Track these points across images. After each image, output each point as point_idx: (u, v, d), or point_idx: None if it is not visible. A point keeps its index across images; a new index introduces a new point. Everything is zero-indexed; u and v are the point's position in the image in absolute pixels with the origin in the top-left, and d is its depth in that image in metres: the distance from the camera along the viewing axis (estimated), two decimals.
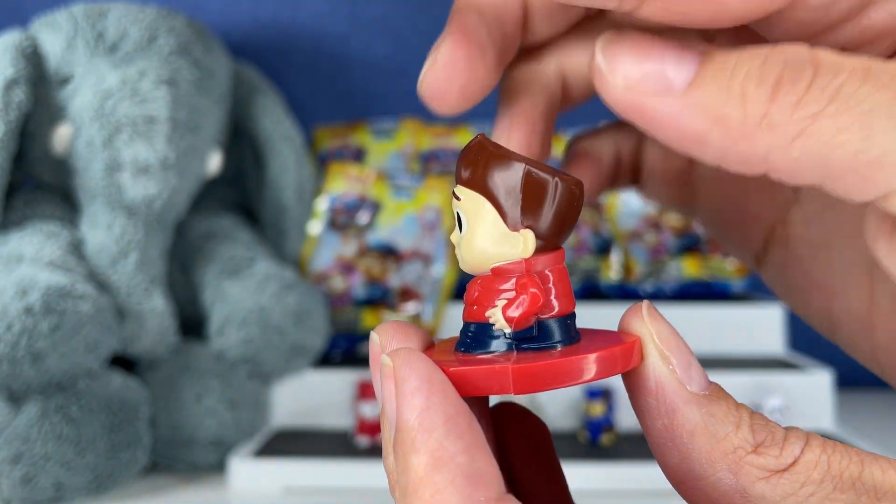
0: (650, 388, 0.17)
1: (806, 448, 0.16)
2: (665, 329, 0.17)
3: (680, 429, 0.16)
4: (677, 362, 0.17)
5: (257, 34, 0.86)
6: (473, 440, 0.16)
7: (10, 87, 0.58)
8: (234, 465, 0.55)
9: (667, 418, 0.17)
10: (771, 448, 0.16)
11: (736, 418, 0.16)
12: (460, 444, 0.16)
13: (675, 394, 0.17)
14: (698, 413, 0.16)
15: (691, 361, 0.17)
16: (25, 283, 0.52)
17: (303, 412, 0.63)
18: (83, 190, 0.60)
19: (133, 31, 0.62)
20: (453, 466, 0.15)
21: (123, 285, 0.57)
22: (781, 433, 0.16)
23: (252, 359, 0.60)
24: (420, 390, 0.16)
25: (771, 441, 0.16)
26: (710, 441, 0.16)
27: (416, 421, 0.16)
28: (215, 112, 0.65)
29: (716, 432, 0.16)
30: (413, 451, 0.16)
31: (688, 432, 0.16)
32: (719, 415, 0.16)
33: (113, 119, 0.58)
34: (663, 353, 0.17)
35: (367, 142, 0.82)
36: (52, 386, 0.52)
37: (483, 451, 0.16)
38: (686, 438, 0.16)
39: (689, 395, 0.17)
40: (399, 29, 0.87)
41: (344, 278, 0.73)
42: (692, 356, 0.17)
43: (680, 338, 0.17)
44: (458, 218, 0.19)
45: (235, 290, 0.62)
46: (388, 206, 0.76)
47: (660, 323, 0.17)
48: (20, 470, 0.49)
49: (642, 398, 0.17)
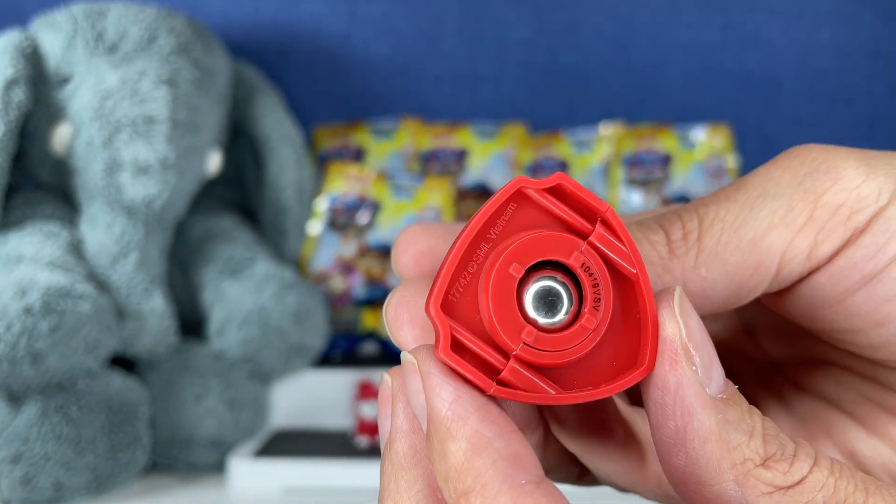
0: (669, 388, 0.16)
1: (815, 467, 0.16)
2: (694, 324, 0.17)
3: (693, 433, 0.16)
4: (700, 362, 0.16)
5: (257, 34, 0.86)
6: (507, 425, 0.16)
7: (9, 87, 0.58)
8: (234, 465, 0.55)
9: (681, 420, 0.16)
10: (780, 463, 0.16)
11: (749, 426, 0.16)
12: (495, 428, 0.16)
13: (694, 397, 0.16)
14: (714, 419, 0.16)
15: (713, 360, 0.17)
16: (25, 283, 0.52)
17: (302, 412, 0.63)
18: (83, 190, 0.60)
19: (133, 31, 0.62)
20: (492, 451, 0.15)
21: (123, 285, 0.57)
22: (792, 448, 0.16)
23: (252, 359, 0.60)
24: (447, 382, 0.16)
25: (781, 455, 0.16)
26: (721, 449, 0.16)
27: (449, 410, 0.16)
28: (215, 112, 0.65)
29: (729, 440, 0.16)
30: (451, 439, 0.16)
31: (700, 438, 0.16)
32: (734, 421, 0.16)
33: (112, 119, 0.58)
34: (689, 352, 0.16)
35: (367, 142, 0.82)
36: (51, 386, 0.51)
37: (518, 436, 0.16)
38: (698, 444, 0.16)
39: (708, 400, 0.16)
40: (399, 29, 0.87)
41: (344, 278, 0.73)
42: (715, 354, 0.17)
43: (706, 334, 0.17)
44: None
45: (235, 290, 0.62)
46: (388, 206, 0.76)
47: (689, 316, 0.17)
48: (20, 470, 0.49)
49: (658, 395, 0.16)
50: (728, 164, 0.82)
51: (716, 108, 0.88)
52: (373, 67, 0.87)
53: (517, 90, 0.87)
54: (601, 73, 0.88)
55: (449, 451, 0.16)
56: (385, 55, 0.87)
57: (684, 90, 0.88)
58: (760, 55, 0.88)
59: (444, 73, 0.87)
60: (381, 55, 0.87)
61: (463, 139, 0.81)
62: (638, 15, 0.88)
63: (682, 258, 0.18)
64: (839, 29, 0.88)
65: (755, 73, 0.89)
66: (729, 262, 0.18)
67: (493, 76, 0.88)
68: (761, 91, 0.89)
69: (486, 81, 0.88)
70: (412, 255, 0.21)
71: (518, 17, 0.87)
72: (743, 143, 0.86)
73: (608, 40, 0.88)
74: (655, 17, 0.88)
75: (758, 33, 0.88)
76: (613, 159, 0.82)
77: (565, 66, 0.88)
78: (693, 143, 0.82)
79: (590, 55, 0.88)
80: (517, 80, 0.88)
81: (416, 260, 0.21)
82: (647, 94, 0.88)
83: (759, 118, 0.89)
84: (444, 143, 0.82)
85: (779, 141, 0.88)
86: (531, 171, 0.81)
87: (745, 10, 0.88)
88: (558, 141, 0.83)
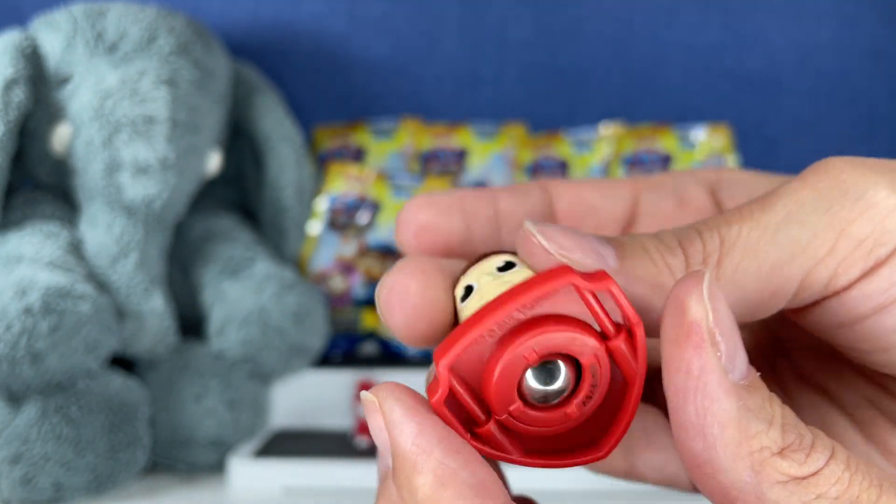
0: (693, 372, 0.16)
1: (831, 460, 0.16)
2: (722, 309, 0.17)
3: (713, 418, 0.16)
4: (725, 348, 0.16)
5: (257, 34, 0.86)
6: (470, 455, 0.17)
7: (9, 87, 0.58)
8: (234, 466, 0.55)
9: (702, 405, 0.16)
10: (797, 453, 0.16)
11: (769, 414, 0.16)
12: (459, 459, 0.16)
13: (717, 383, 0.16)
14: (735, 405, 0.16)
15: (738, 346, 0.17)
16: (25, 283, 0.52)
17: (303, 412, 0.63)
18: (82, 190, 0.60)
19: (133, 31, 0.61)
20: (458, 482, 0.16)
21: (123, 285, 0.57)
22: (810, 439, 0.16)
23: (252, 359, 0.60)
24: (408, 417, 0.17)
25: (798, 446, 0.16)
26: (740, 436, 0.16)
27: (413, 444, 0.16)
28: (215, 112, 0.65)
29: (748, 427, 0.16)
30: (416, 473, 0.16)
31: (720, 423, 0.16)
32: (755, 408, 0.16)
33: (112, 119, 0.58)
34: (714, 338, 0.16)
35: (367, 142, 0.82)
36: (51, 386, 0.51)
37: (482, 465, 0.17)
38: (717, 429, 0.16)
39: (730, 386, 0.16)
40: (399, 29, 0.87)
41: (344, 278, 0.73)
42: (740, 340, 0.17)
43: (733, 320, 0.17)
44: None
45: (235, 290, 0.62)
46: (388, 206, 0.76)
47: (718, 301, 0.17)
48: (20, 470, 0.49)
49: (681, 378, 0.16)
50: (728, 164, 0.82)
51: (716, 108, 0.88)
52: (373, 67, 0.87)
53: (517, 90, 0.87)
54: (601, 73, 0.88)
55: (416, 485, 0.16)
56: (385, 55, 0.87)
57: (684, 90, 0.88)
58: (760, 55, 0.88)
59: (444, 73, 0.87)
60: (381, 55, 0.87)
61: (463, 139, 0.81)
62: (638, 15, 0.88)
63: None
64: (839, 29, 0.88)
65: (755, 73, 0.88)
66: (746, 288, 0.18)
67: (493, 76, 0.88)
68: (761, 91, 0.89)
69: (486, 81, 0.88)
70: (413, 229, 0.21)
71: (518, 17, 0.87)
72: (743, 143, 0.86)
73: (608, 40, 0.88)
74: (655, 17, 0.88)
75: (758, 33, 0.88)
76: (613, 159, 0.82)
77: (565, 66, 0.88)
78: (693, 143, 0.82)
79: (590, 55, 0.88)
80: (517, 80, 0.87)
81: (417, 235, 0.21)
82: (646, 94, 0.88)
83: (759, 118, 0.89)
84: (444, 143, 0.82)
85: (779, 141, 0.88)
86: (531, 171, 0.81)
87: (745, 10, 0.88)
88: (558, 141, 0.83)
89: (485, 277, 0.19)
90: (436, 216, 0.21)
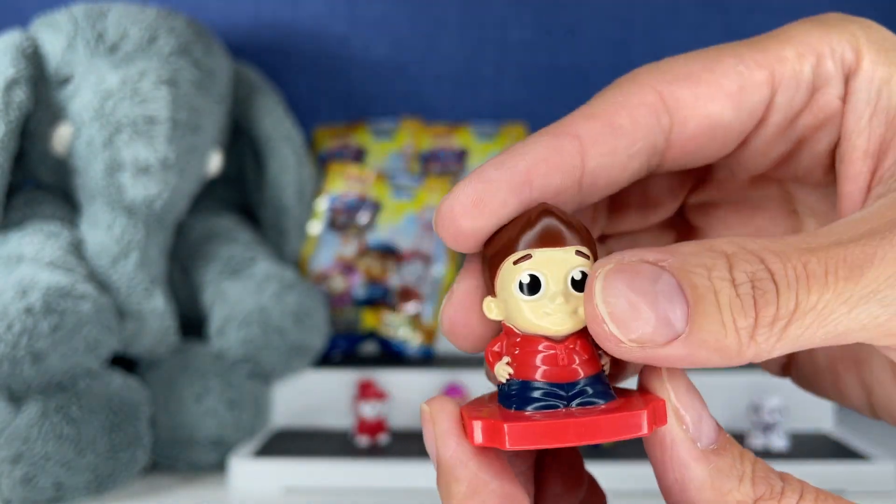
0: (665, 445, 0.19)
1: (801, 501, 0.18)
2: (682, 385, 0.19)
3: (689, 483, 0.18)
4: (690, 419, 0.19)
5: (257, 34, 0.86)
6: (501, 468, 0.19)
7: (10, 88, 0.58)
8: (234, 465, 0.55)
9: (678, 473, 0.18)
10: (769, 501, 0.18)
11: (739, 472, 0.18)
12: (491, 471, 0.19)
13: (686, 453, 0.18)
14: (706, 470, 0.18)
15: (702, 415, 0.19)
16: (26, 283, 0.52)
17: (303, 412, 0.63)
18: (83, 190, 0.60)
19: (133, 32, 0.62)
20: (488, 492, 0.19)
21: (124, 285, 0.57)
22: (780, 486, 0.18)
23: (252, 359, 0.61)
24: (452, 431, 0.19)
25: (770, 494, 0.18)
26: (715, 495, 0.18)
27: (453, 456, 0.19)
28: (215, 112, 0.65)
29: (721, 487, 0.18)
30: (454, 481, 0.19)
31: (696, 487, 0.18)
32: (725, 469, 0.18)
33: (113, 119, 0.58)
34: (679, 413, 0.19)
35: (367, 142, 0.82)
36: (52, 386, 0.52)
37: (511, 478, 0.19)
38: (694, 492, 0.18)
39: (699, 454, 0.18)
40: (399, 29, 0.87)
41: (344, 278, 0.73)
42: (704, 409, 0.19)
43: (695, 392, 0.19)
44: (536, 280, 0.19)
45: (235, 290, 0.62)
46: (388, 206, 0.76)
47: (677, 379, 0.19)
48: (20, 470, 0.49)
49: (658, 452, 0.19)
50: None
51: None
52: (373, 67, 0.87)
53: (517, 90, 0.88)
54: (601, 73, 0.88)
55: (452, 490, 0.19)
56: (385, 55, 0.87)
57: None
58: None
59: (444, 73, 0.87)
60: (381, 55, 0.87)
61: (463, 139, 0.81)
62: (638, 15, 0.88)
63: (761, 345, 0.17)
64: None
65: None
66: (802, 346, 0.18)
67: (493, 76, 0.88)
68: None
69: (486, 81, 0.88)
70: (453, 234, 0.20)
71: (518, 17, 0.87)
72: None
73: (608, 40, 0.88)
74: (655, 17, 0.88)
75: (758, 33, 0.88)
76: None
77: (565, 67, 0.88)
78: None
79: (590, 55, 0.88)
80: (517, 81, 0.88)
81: (455, 237, 0.20)
82: None
83: None
84: (444, 143, 0.82)
85: None
86: None
87: (745, 10, 0.88)
88: None
89: (560, 297, 0.19)
90: (484, 221, 0.20)
